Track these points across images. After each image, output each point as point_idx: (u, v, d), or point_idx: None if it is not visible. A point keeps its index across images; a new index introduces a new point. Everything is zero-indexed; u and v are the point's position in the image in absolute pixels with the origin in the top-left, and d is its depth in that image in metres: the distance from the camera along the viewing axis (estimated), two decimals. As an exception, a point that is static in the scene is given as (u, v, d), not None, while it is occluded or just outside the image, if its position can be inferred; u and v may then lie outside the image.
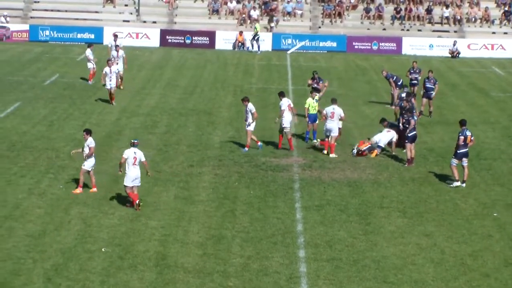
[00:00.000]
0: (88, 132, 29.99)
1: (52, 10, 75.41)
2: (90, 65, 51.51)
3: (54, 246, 24.83)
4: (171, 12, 75.79)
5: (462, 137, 31.98)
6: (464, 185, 32.09)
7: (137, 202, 28.37)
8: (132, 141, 29.69)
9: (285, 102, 37.53)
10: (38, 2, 76.40)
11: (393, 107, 44.57)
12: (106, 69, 45.97)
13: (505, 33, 73.83)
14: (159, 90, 50.98)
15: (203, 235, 26.26)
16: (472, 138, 32.51)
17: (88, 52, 51.54)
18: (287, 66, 61.88)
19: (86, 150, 29.82)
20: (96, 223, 26.97)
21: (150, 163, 34.18)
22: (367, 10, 75.93)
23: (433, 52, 70.20)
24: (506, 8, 75.86)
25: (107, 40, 69.72)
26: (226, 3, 76.01)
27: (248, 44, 70.36)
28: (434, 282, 23.24)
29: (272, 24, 73.42)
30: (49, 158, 34.46)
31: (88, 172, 29.91)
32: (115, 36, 54.53)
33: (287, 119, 36.94)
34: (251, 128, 36.39)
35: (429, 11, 75.64)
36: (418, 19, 75.27)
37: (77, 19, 74.07)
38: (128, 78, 54.23)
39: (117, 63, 50.15)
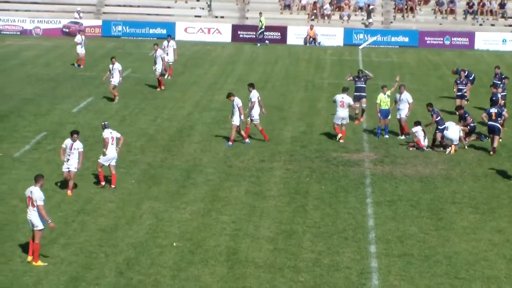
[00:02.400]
0: (77, 133, 29.66)
1: (124, 6, 76.10)
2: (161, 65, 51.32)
3: (126, 240, 25.05)
4: (243, 7, 76.00)
5: None
6: None
7: (103, 183, 29.45)
8: (103, 123, 31.13)
9: (255, 94, 37.53)
10: (111, -2, 77.34)
11: (467, 103, 44.32)
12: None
13: None
14: (231, 85, 51.04)
15: (274, 230, 26.27)
16: None
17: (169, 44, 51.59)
18: (359, 61, 61.62)
19: (75, 153, 29.32)
20: (167, 217, 27.13)
21: (222, 158, 34.45)
22: (440, 4, 75.28)
23: (507, 47, 69.33)
24: None
25: (179, 35, 70.47)
26: (299, -1, 76.16)
27: (320, 39, 70.22)
28: (507, 278, 22.97)
29: (370, 20, 73.00)
30: (121, 153, 34.70)
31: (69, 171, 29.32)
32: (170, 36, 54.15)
33: (256, 111, 37.01)
34: (235, 122, 36.19)
35: (502, 5, 74.73)
36: (491, 14, 74.47)
37: (149, 14, 74.60)
38: (200, 73, 54.61)
39: (167, 54, 50.76)
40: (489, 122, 35.90)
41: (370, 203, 29.08)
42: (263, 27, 70.16)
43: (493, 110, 36.35)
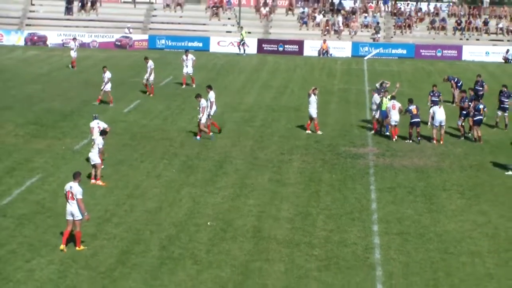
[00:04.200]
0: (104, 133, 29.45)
1: (167, 23, 76.27)
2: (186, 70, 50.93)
3: (168, 220, 25.20)
4: (267, 24, 76.02)
5: None
6: None
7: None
8: (94, 115, 32.14)
9: (213, 95, 37.69)
10: (156, 16, 77.37)
11: (454, 104, 44.20)
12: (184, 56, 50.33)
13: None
14: (256, 90, 51.19)
15: (292, 212, 26.37)
16: None
17: (187, 57, 51.13)
18: (364, 70, 61.52)
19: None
20: (203, 201, 27.26)
21: (248, 151, 34.52)
22: (432, 22, 75.17)
23: (489, 58, 69.13)
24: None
25: (213, 48, 70.56)
26: (313, 17, 75.92)
27: (331, 51, 70.14)
28: (488, 253, 23.00)
29: (378, 35, 72.87)
30: (164, 146, 34.90)
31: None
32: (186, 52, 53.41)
33: (213, 109, 37.32)
34: (203, 120, 36.05)
35: (485, 23, 74.56)
36: (476, 30, 74.27)
37: (188, 30, 74.74)
38: (230, 80, 54.68)
39: (187, 66, 50.47)
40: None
41: (373, 189, 29.16)
42: (244, 39, 70.06)
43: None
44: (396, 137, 36.93)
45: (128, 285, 20.22)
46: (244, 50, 69.89)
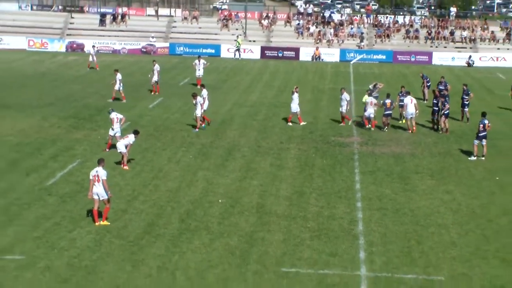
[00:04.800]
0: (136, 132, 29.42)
1: (185, 33, 76.12)
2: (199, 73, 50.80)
3: (186, 198, 25.33)
4: (268, 34, 75.84)
5: (481, 125, 31.60)
6: (483, 158, 31.63)
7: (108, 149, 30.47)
8: (110, 109, 32.38)
9: (205, 92, 37.73)
10: (175, 27, 77.25)
11: (425, 102, 44.33)
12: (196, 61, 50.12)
13: (508, 49, 72.32)
14: (260, 89, 51.15)
15: (289, 191, 26.47)
16: (489, 124, 32.01)
17: (200, 62, 50.93)
18: (350, 73, 61.40)
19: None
20: (215, 182, 27.36)
21: (253, 140, 34.60)
22: (407, 32, 74.94)
23: (455, 63, 68.83)
24: (507, 31, 74.65)
25: (223, 54, 70.49)
26: (308, 28, 75.78)
27: (323, 57, 69.99)
28: (452, 225, 23.15)
29: (363, 43, 72.65)
30: (182, 136, 34.99)
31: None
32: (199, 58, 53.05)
33: (206, 104, 37.39)
34: (198, 114, 35.91)
35: (452, 33, 74.32)
36: (444, 39, 74.01)
37: (202, 39, 74.65)
38: (238, 80, 54.59)
39: (199, 69, 50.28)
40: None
41: (357, 172, 29.23)
42: (239, 46, 69.53)
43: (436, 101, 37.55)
44: (372, 127, 37.18)
45: (153, 252, 20.40)
46: (240, 55, 69.47)
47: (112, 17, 77.47)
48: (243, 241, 21.30)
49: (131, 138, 28.84)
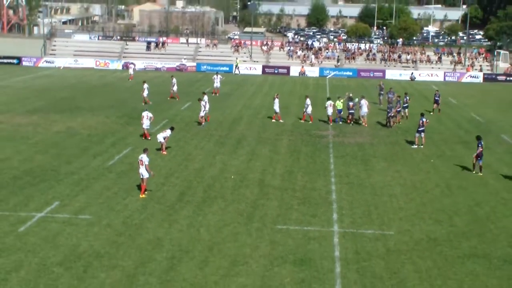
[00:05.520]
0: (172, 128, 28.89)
1: (208, 55, 75.78)
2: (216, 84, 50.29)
3: (207, 175, 25.18)
4: (267, 56, 75.45)
5: (421, 122, 31.40)
6: (422, 146, 31.42)
7: (149, 137, 30.31)
8: (145, 108, 31.98)
9: (206, 98, 36.66)
10: (201, 51, 76.90)
11: (381, 105, 44.07)
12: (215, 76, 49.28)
13: (439, 68, 71.98)
14: (261, 96, 50.88)
15: (282, 170, 26.31)
16: (427, 121, 31.90)
17: (217, 77, 50.36)
18: (326, 85, 61.09)
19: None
20: (229, 163, 27.21)
21: (256, 133, 34.41)
22: (368, 56, 74.63)
23: (401, 78, 68.42)
24: (438, 55, 74.37)
25: (235, 71, 70.00)
26: (296, 52, 75.38)
27: (307, 73, 69.49)
28: (400, 195, 22.99)
29: (338, 63, 72.09)
30: (204, 130, 34.83)
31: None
32: (216, 74, 51.96)
33: (207, 107, 36.25)
34: (201, 114, 35.45)
35: (399, 56, 73.99)
36: (394, 61, 73.68)
37: (220, 59, 74.33)
38: (245, 90, 54.28)
39: (217, 82, 49.46)
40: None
41: (332, 157, 29.03)
42: (238, 65, 68.25)
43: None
44: (332, 122, 37.06)
45: (184, 214, 20.28)
46: (239, 71, 68.09)
47: (155, 44, 77.13)
48: (249, 206, 21.16)
49: (168, 132, 28.57)
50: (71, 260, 16.30)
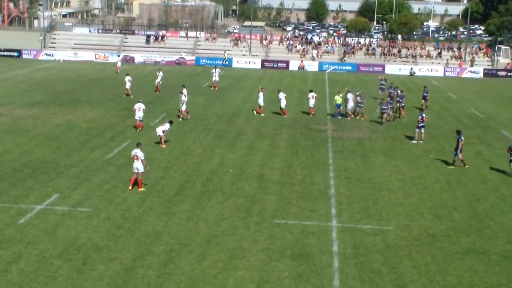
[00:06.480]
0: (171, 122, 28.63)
1: (207, 49, 75.72)
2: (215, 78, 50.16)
3: (206, 168, 25.17)
4: (267, 50, 75.37)
5: (420, 117, 31.41)
6: (422, 142, 31.43)
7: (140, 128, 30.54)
8: (139, 100, 32.05)
9: (185, 91, 35.96)
10: (200, 45, 76.77)
11: (378, 100, 44.00)
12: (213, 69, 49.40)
13: (439, 63, 71.90)
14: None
15: (281, 164, 26.32)
16: (426, 117, 31.94)
17: (216, 71, 50.41)
18: (326, 79, 61.06)
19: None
20: (227, 157, 27.21)
21: (255, 127, 34.37)
22: (367, 50, 74.55)
23: (401, 72, 68.40)
24: (438, 50, 74.27)
25: (234, 65, 69.85)
26: (295, 46, 75.27)
27: (306, 67, 69.42)
28: (398, 190, 23.00)
29: (345, 58, 71.52)
30: (203, 124, 34.79)
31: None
32: (215, 68, 52.04)
33: (185, 99, 35.22)
34: (183, 108, 34.95)
35: (399, 51, 73.96)
36: (393, 55, 73.66)
37: (219, 53, 74.18)
38: (244, 84, 54.24)
39: (216, 76, 49.54)
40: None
41: (331, 151, 29.04)
42: (226, 59, 67.79)
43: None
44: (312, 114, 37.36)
45: (182, 207, 20.27)
46: (226, 65, 67.25)
47: (154, 38, 76.99)
48: (247, 200, 21.16)
49: (167, 125, 28.53)
50: (70, 252, 16.32)
